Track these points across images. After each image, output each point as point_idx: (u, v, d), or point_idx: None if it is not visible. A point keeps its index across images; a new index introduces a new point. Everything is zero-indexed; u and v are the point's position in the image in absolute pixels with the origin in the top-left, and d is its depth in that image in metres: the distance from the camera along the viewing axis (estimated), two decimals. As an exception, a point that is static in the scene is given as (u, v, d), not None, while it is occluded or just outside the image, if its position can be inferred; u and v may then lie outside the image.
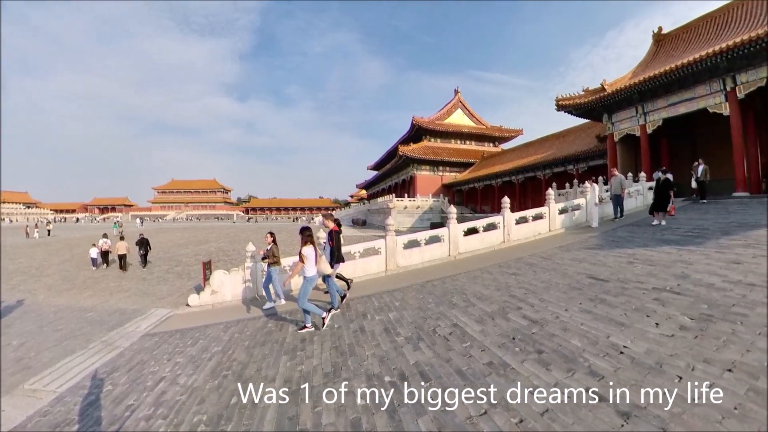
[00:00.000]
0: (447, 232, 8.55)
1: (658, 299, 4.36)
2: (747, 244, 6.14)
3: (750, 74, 12.46)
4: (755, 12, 15.16)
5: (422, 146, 42.19)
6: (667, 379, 2.75)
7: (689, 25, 18.53)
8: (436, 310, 5.00)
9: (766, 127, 14.69)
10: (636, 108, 16.72)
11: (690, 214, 10.35)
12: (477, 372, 3.13)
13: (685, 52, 16.54)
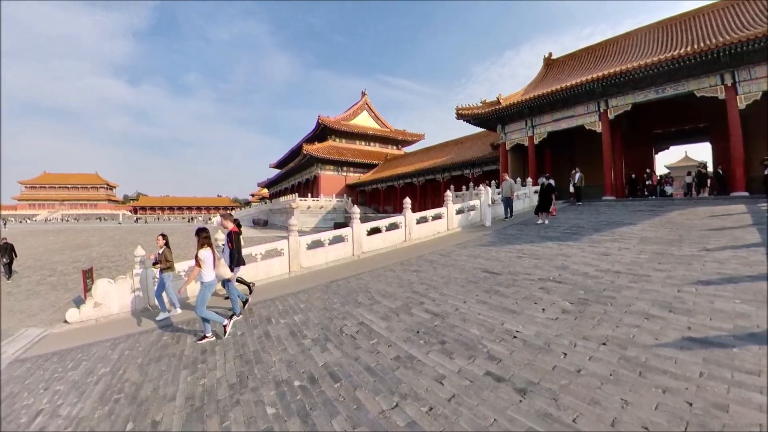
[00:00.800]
0: (351, 231, 11.66)
1: (543, 288, 6.47)
2: (614, 239, 9.82)
3: (619, 99, 21.30)
4: (626, 48, 25.30)
5: (327, 146, 57.17)
6: (554, 356, 4.10)
7: (574, 53, 30.72)
8: (342, 310, 6.67)
9: (630, 144, 25.18)
10: (526, 121, 26.19)
11: (568, 214, 15.79)
12: (386, 367, 4.33)
13: (569, 76, 25.79)
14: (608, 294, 5.89)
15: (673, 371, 3.63)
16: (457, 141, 46.23)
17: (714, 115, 19.86)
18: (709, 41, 18.26)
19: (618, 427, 2.94)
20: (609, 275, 6.84)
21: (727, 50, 16.35)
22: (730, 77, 17.26)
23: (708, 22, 21.58)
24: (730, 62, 16.98)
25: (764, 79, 16.42)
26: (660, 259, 7.56)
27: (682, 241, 8.91)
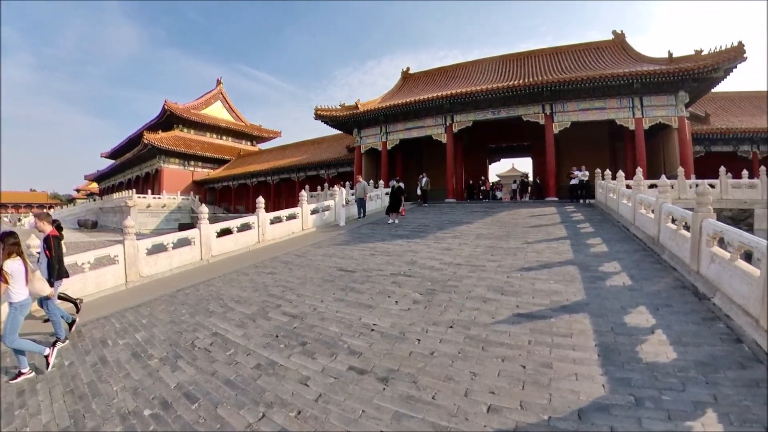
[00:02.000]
0: (198, 233, 11.11)
1: (395, 282, 7.04)
2: (455, 236, 11.24)
3: (463, 116, 25.05)
4: (473, 73, 29.92)
5: (173, 136, 52.17)
6: (410, 344, 4.52)
7: (429, 71, 35.12)
8: (192, 321, 6.29)
9: (469, 154, 29.40)
10: (381, 127, 28.49)
11: (416, 214, 17.51)
12: (247, 378, 4.22)
13: (422, 91, 29.13)
14: (452, 283, 6.78)
15: (508, 343, 4.43)
16: (314, 141, 46.80)
17: (535, 136, 24.71)
18: (536, 78, 23.09)
19: (470, 396, 3.44)
20: (452, 267, 7.85)
21: (548, 87, 21.51)
22: (549, 108, 22.49)
23: (537, 62, 27.66)
24: (550, 96, 22.21)
25: (573, 112, 22.10)
26: (492, 252, 9.04)
27: (509, 236, 10.80)
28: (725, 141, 24.38)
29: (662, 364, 3.87)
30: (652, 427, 2.95)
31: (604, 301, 5.61)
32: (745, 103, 27.98)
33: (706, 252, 6.04)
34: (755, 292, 4.59)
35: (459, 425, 3.03)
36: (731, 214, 14.28)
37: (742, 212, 14.70)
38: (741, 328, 4.59)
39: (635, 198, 10.54)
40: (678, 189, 15.12)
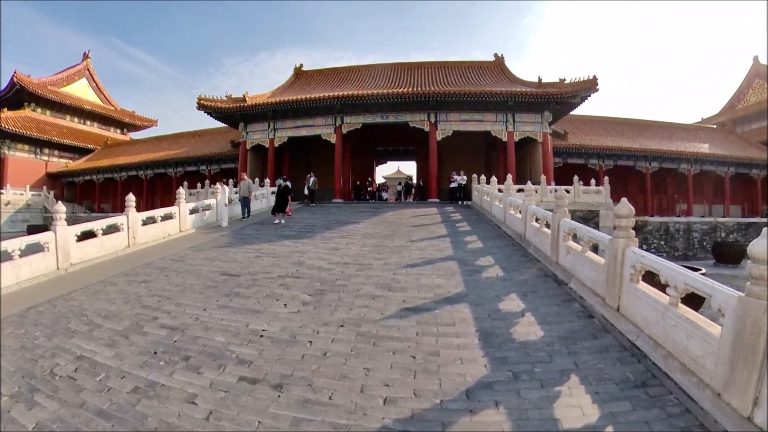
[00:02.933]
0: (54, 237, 9.49)
1: (283, 284, 6.89)
2: (342, 236, 11.40)
3: (353, 118, 25.58)
4: (365, 77, 30.52)
5: (23, 116, 43.15)
6: (302, 346, 4.49)
7: (323, 70, 34.83)
8: (49, 345, 5.32)
9: (357, 156, 29.84)
10: (269, 123, 27.66)
11: (303, 214, 17.38)
12: (123, 404, 3.70)
13: (314, 89, 28.94)
14: (340, 283, 6.89)
15: (398, 336, 4.68)
16: (195, 133, 42.95)
17: (420, 142, 26.35)
18: (424, 88, 24.78)
19: (366, 391, 3.56)
20: (340, 267, 7.97)
21: (434, 97, 23.33)
22: (434, 116, 24.23)
23: (426, 73, 29.40)
24: (436, 106, 23.94)
25: (455, 121, 24.22)
26: (379, 250, 9.40)
27: (395, 235, 11.32)
28: (579, 155, 29.15)
29: (533, 341, 4.55)
30: (529, 395, 3.46)
31: (481, 291, 6.34)
32: (595, 125, 33.95)
33: (563, 246, 7.18)
34: (601, 276, 5.62)
35: (358, 421, 3.13)
36: (582, 214, 16.96)
37: (590, 213, 17.62)
38: (592, 306, 5.59)
39: (506, 200, 11.99)
40: (541, 193, 17.42)
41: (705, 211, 31.25)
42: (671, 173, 30.91)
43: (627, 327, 4.75)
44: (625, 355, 4.24)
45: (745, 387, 3.09)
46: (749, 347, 3.09)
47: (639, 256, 4.85)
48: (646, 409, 3.35)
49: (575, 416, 3.20)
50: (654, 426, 3.13)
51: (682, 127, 37.28)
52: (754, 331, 3.06)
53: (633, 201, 6.36)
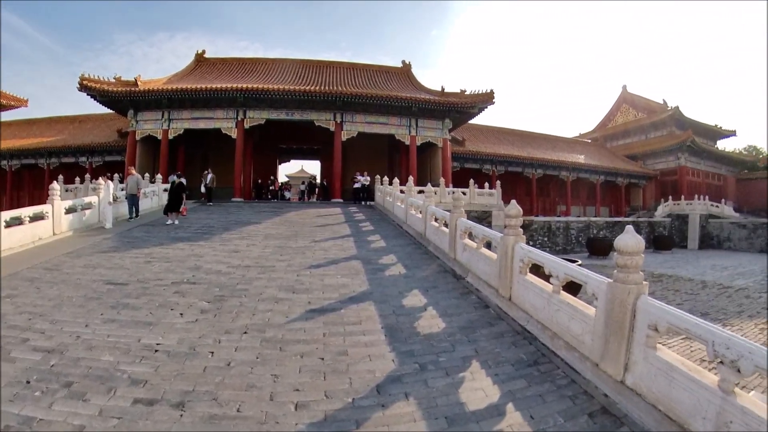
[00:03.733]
0: None
1: (178, 292, 6.30)
2: (242, 237, 10.83)
3: (257, 113, 24.44)
4: (272, 71, 29.21)
5: None
6: (203, 358, 4.13)
7: (227, 59, 32.44)
8: None
9: (260, 153, 28.62)
10: (164, 113, 24.99)
11: (199, 214, 16.12)
12: None
13: (217, 79, 26.96)
14: (242, 287, 6.52)
15: (305, 339, 4.56)
16: (75, 119, 36.86)
17: (325, 141, 26.05)
18: (332, 87, 24.44)
19: (276, 399, 3.40)
20: (240, 270, 7.55)
21: (341, 98, 23.18)
22: (340, 116, 24.17)
23: (335, 73, 29.11)
24: (342, 106, 23.84)
25: (360, 123, 24.43)
26: (282, 252, 9.12)
27: (298, 236, 11.07)
28: (475, 160, 31.57)
29: (436, 333, 4.77)
30: (436, 384, 3.63)
31: (385, 288, 6.49)
32: (490, 135, 37.29)
33: (460, 243, 7.67)
34: (494, 270, 6.13)
35: (271, 430, 2.99)
36: (477, 214, 18.18)
37: (484, 213, 18.98)
38: (487, 297, 6.07)
39: (407, 201, 12.44)
40: (440, 195, 18.25)
41: (580, 211, 36.78)
42: (553, 179, 35.56)
43: (518, 314, 5.23)
44: (518, 339, 4.66)
45: (617, 356, 3.65)
46: (618, 324, 3.63)
47: (526, 251, 5.39)
48: (539, 384, 3.77)
49: (479, 398, 3.48)
50: (547, 398, 3.54)
51: (563, 140, 43.48)
52: (622, 310, 3.60)
53: (521, 203, 7.11)
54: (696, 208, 28.78)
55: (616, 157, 42.33)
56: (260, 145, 28.58)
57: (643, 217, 31.72)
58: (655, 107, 43.72)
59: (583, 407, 3.48)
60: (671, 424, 3.12)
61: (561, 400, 3.55)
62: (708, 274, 15.39)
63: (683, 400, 3.08)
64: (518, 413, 3.31)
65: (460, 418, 3.20)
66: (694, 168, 39.37)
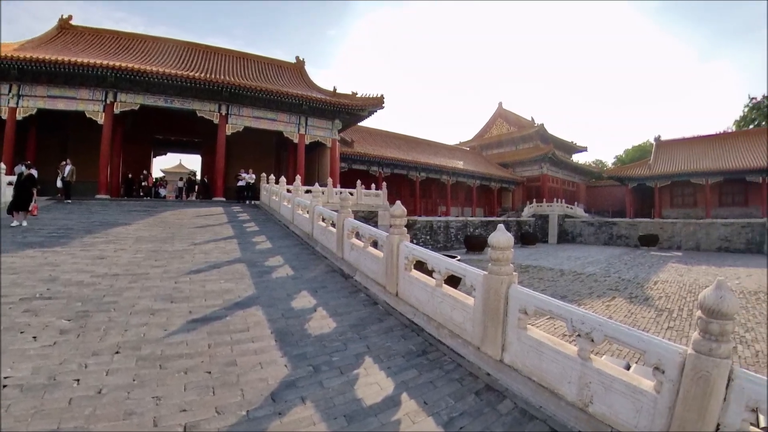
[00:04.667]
0: None
1: (29, 310, 5.24)
2: (109, 240, 9.50)
3: (130, 96, 21.23)
4: (152, 50, 25.46)
5: None
6: (67, 389, 3.48)
7: (99, 30, 27.12)
8: None
9: (131, 143, 24.77)
10: (11, 86, 20.12)
11: (54, 213, 13.64)
12: None
13: (84, 51, 22.56)
14: (110, 299, 5.70)
15: (188, 352, 4.18)
16: None
17: (208, 134, 23.84)
18: (219, 76, 22.45)
19: (161, 423, 3.05)
20: (108, 279, 6.61)
21: (228, 88, 21.33)
22: (225, 108, 22.30)
23: (223, 61, 26.89)
24: (229, 98, 22.04)
25: (248, 117, 22.88)
26: (156, 256, 8.23)
27: (175, 238, 10.11)
28: (362, 162, 32.02)
29: (327, 333, 4.79)
30: (332, 384, 3.66)
31: (272, 291, 6.30)
32: (378, 138, 38.61)
33: (348, 243, 7.79)
34: (381, 268, 6.35)
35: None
36: (364, 214, 18.67)
37: (371, 213, 19.49)
38: (375, 294, 6.27)
39: (294, 201, 12.19)
40: (327, 195, 18.20)
41: (459, 212, 40.39)
42: (435, 182, 38.10)
43: (405, 308, 5.50)
44: (407, 332, 4.90)
45: (495, 339, 4.09)
46: (494, 310, 4.07)
47: (411, 249, 5.69)
48: (429, 371, 4.06)
49: (375, 392, 3.61)
50: (437, 383, 3.84)
51: (445, 146, 47.32)
52: (496, 298, 4.05)
53: (405, 204, 7.47)
54: (555, 210, 34.15)
55: (491, 164, 47.78)
56: (132, 135, 24.83)
57: (512, 216, 36.18)
58: (525, 123, 50.69)
59: (470, 387, 3.86)
60: (544, 390, 3.64)
61: (450, 383, 3.89)
62: (565, 264, 17.93)
63: (552, 370, 3.62)
64: (413, 401, 3.53)
65: (359, 414, 3.28)
66: (554, 176, 46.25)
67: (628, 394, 3.12)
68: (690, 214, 34.15)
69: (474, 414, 3.45)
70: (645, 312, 9.45)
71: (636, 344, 3.13)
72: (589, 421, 3.30)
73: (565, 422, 3.37)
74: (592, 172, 55.19)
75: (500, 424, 3.36)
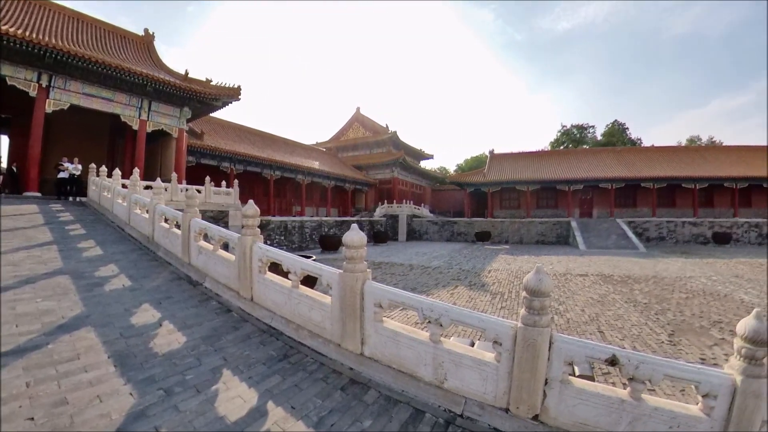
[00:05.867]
0: None
1: None
2: None
3: None
4: None
5: None
6: None
7: None
8: None
9: None
10: None
11: None
12: None
13: None
14: None
15: None
16: None
17: (20, 109, 18.50)
18: (41, 36, 17.12)
19: None
20: None
21: (55, 54, 16.33)
22: (47, 78, 17.27)
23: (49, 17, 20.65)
24: (54, 65, 17.06)
25: (76, 93, 18.12)
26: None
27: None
28: (213, 156, 29.03)
29: (177, 350, 4.33)
30: (189, 406, 3.34)
31: (106, 308, 5.36)
32: (231, 131, 35.76)
33: (195, 246, 7.15)
34: (233, 272, 6.03)
35: None
36: (213, 214, 17.08)
37: (221, 213, 17.91)
38: (228, 301, 5.93)
39: (131, 198, 10.49)
40: (171, 192, 16.17)
41: (314, 212, 40.29)
42: (290, 181, 37.01)
43: (262, 313, 5.34)
44: (266, 337, 4.76)
45: (354, 334, 4.27)
46: (351, 307, 4.25)
47: (264, 250, 5.53)
48: (292, 374, 4.02)
49: (238, 406, 3.42)
50: (302, 385, 3.84)
51: (301, 146, 46.44)
52: (352, 294, 4.23)
53: (259, 203, 7.14)
54: (404, 210, 37.07)
55: (346, 166, 49.06)
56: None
57: (366, 216, 37.85)
58: (380, 129, 53.23)
59: (335, 384, 3.95)
60: (404, 376, 3.96)
61: (315, 383, 3.92)
62: (414, 259, 19.43)
63: (409, 356, 3.96)
64: (280, 408, 3.46)
65: (224, 432, 3.08)
66: (404, 179, 49.69)
67: (475, 367, 3.64)
68: (515, 215, 40.98)
69: (342, 409, 3.55)
70: (482, 296, 10.82)
71: (477, 324, 3.66)
72: (445, 395, 3.73)
73: (426, 401, 3.74)
74: (437, 178, 61.54)
75: (368, 414, 3.53)
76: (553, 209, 41.46)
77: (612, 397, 3.21)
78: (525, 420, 3.38)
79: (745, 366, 2.92)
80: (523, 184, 39.75)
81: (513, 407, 3.44)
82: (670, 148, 45.30)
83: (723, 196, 36.62)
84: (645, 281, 13.44)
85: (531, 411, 3.37)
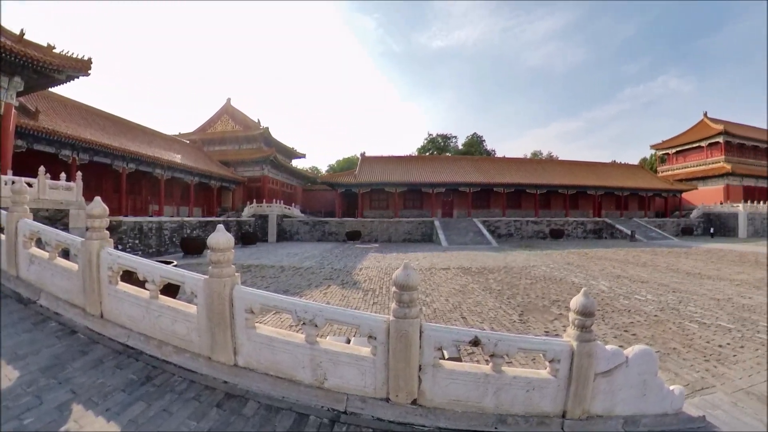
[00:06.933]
0: None
1: None
2: None
3: None
4: None
5: None
6: None
7: None
8: None
9: None
10: None
11: None
12: None
13: None
14: None
15: None
16: None
17: None
18: None
19: None
20: None
21: None
22: None
23: None
24: None
25: None
26: None
27: None
28: (50, 142, 23.19)
29: (9, 388, 3.54)
30: None
31: None
32: (76, 113, 29.06)
33: (25, 254, 5.88)
34: (77, 284, 5.09)
35: None
36: (49, 214, 14.15)
37: (59, 212, 14.90)
38: (72, 320, 4.97)
39: None
40: None
41: (174, 211, 35.96)
42: (147, 176, 31.97)
43: (116, 331, 4.64)
44: (122, 359, 4.17)
45: (225, 344, 3.98)
46: (220, 315, 3.93)
47: (115, 257, 4.78)
48: (159, 398, 3.58)
49: None
50: (172, 409, 3.45)
51: (161, 136, 40.59)
52: (220, 301, 3.92)
53: (108, 200, 5.97)
54: (274, 210, 35.47)
55: (212, 161, 44.76)
56: None
57: (233, 216, 35.51)
58: (251, 124, 49.76)
59: (210, 401, 3.63)
60: (283, 381, 3.82)
61: (187, 404, 3.53)
62: (285, 260, 18.78)
63: (286, 360, 3.83)
64: (148, 439, 3.04)
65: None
66: (274, 178, 47.79)
67: (353, 363, 3.69)
68: (384, 215, 42.54)
69: (221, 427, 3.29)
70: (355, 294, 11.00)
71: (352, 321, 3.71)
72: (327, 395, 3.71)
73: (308, 403, 3.66)
74: (308, 177, 60.56)
75: (249, 427, 3.33)
76: (419, 210, 44.56)
77: (478, 374, 3.59)
78: (405, 406, 3.57)
79: (579, 333, 3.58)
80: (391, 186, 41.54)
81: (393, 396, 3.60)
82: (518, 160, 53.26)
83: (558, 200, 44.66)
84: (498, 271, 15.25)
85: (409, 397, 3.58)
